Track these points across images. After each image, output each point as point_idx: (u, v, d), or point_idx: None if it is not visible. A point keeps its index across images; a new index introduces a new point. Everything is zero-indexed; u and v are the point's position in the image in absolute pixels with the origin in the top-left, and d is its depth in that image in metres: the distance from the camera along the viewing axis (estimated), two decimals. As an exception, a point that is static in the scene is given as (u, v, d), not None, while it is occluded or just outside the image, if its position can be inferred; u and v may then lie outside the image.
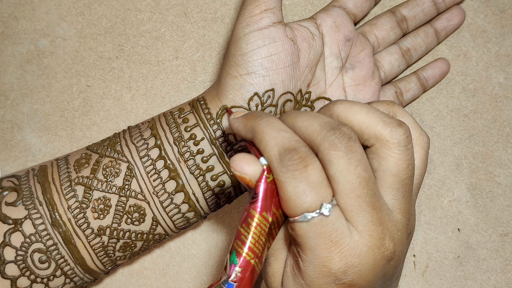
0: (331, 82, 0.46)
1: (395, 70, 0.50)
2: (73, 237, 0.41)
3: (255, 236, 0.30)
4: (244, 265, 0.30)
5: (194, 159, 0.42)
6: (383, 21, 0.49)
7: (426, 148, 0.36)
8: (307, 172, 0.30)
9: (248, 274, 0.30)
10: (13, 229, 0.40)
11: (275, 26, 0.42)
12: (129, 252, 0.44)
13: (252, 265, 0.30)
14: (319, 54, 0.45)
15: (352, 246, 0.31)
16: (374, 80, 0.47)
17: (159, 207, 0.42)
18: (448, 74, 0.52)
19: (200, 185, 0.42)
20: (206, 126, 0.42)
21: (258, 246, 0.31)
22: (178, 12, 0.53)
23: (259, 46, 0.42)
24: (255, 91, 0.42)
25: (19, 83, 0.52)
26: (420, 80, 0.50)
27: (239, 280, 0.30)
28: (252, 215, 0.31)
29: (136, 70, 0.53)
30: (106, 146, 0.43)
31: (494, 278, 0.50)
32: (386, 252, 0.32)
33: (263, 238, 0.31)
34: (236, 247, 0.30)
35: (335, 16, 0.46)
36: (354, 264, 0.31)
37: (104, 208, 0.41)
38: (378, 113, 0.33)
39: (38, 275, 0.41)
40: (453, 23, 0.51)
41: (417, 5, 0.49)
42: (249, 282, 0.30)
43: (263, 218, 0.31)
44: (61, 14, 0.53)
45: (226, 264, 0.31)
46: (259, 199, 0.31)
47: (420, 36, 0.50)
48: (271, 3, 0.42)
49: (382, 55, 0.49)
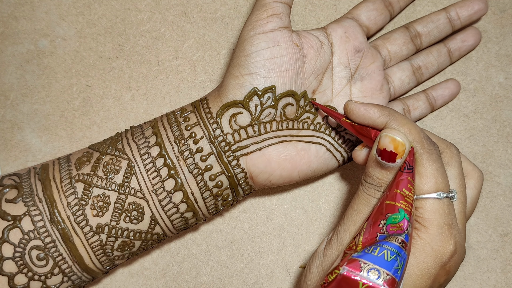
0: (338, 92, 0.46)
1: (405, 87, 0.49)
2: (71, 234, 0.41)
3: (413, 197, 0.35)
4: (412, 221, 0.34)
5: (193, 158, 0.42)
6: (397, 35, 0.49)
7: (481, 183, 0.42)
8: (441, 160, 0.37)
9: (412, 229, 0.35)
10: (12, 226, 0.40)
11: (281, 31, 0.42)
12: (127, 252, 0.44)
13: (413, 219, 0.35)
14: (327, 63, 0.45)
15: (459, 235, 0.36)
16: (383, 94, 0.47)
17: (157, 206, 0.42)
18: (448, 74, 0.52)
19: (198, 185, 0.42)
20: (205, 125, 0.42)
21: (414, 205, 0.35)
22: (178, 12, 0.53)
23: (262, 48, 0.42)
24: (254, 86, 0.42)
25: (19, 83, 0.53)
26: (429, 100, 0.50)
27: (411, 234, 0.34)
28: (410, 181, 0.35)
29: (136, 70, 0.53)
30: (108, 144, 0.43)
31: (494, 278, 0.50)
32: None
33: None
34: (402, 206, 0.34)
35: (346, 27, 0.46)
36: (457, 251, 0.36)
37: (103, 205, 0.41)
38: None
39: (35, 273, 0.41)
40: (468, 44, 0.50)
41: (431, 21, 0.49)
42: (412, 235, 0.35)
43: (414, 186, 0.36)
44: (61, 14, 0.53)
45: (368, 227, 0.35)
46: (414, 170, 0.36)
47: (432, 55, 0.50)
48: (278, 8, 0.43)
49: (393, 70, 0.49)
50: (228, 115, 0.42)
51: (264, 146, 0.43)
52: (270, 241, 0.52)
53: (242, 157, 0.43)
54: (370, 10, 0.48)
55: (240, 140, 0.43)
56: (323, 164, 0.45)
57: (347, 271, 0.30)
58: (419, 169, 0.36)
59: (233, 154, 0.43)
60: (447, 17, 0.49)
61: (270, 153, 0.43)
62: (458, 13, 0.49)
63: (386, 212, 0.35)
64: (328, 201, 0.52)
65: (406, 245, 0.33)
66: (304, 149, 0.44)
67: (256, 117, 0.42)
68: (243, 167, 0.43)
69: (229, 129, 0.42)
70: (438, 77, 0.52)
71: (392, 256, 0.31)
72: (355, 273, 0.30)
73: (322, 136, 0.45)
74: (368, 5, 0.48)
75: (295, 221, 0.52)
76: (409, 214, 0.34)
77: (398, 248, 0.32)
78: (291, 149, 0.44)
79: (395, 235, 0.33)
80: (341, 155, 0.46)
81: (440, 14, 0.49)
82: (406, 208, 0.34)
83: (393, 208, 0.34)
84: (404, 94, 0.51)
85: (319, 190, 0.52)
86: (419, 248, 0.35)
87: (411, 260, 0.35)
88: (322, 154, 0.45)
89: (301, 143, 0.44)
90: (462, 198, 0.38)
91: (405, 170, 0.36)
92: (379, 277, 0.30)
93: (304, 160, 0.44)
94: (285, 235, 0.52)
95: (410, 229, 0.34)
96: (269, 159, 0.43)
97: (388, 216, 0.34)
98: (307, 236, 0.51)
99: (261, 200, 0.52)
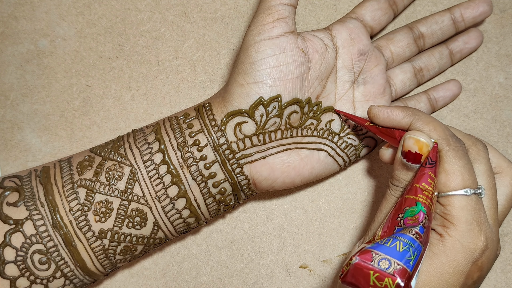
0: (341, 96, 0.46)
1: (406, 89, 0.49)
2: (73, 239, 0.41)
3: (433, 192, 0.35)
4: (429, 213, 0.35)
5: (197, 165, 0.42)
6: (400, 37, 0.48)
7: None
8: (468, 156, 0.37)
9: (430, 222, 0.35)
10: (14, 230, 0.40)
11: (287, 36, 0.42)
12: (130, 256, 0.44)
13: (431, 213, 0.35)
14: (331, 67, 0.45)
15: (489, 231, 0.36)
16: (385, 97, 0.47)
17: (160, 212, 0.42)
18: (448, 74, 0.52)
19: (202, 192, 0.42)
20: (210, 133, 0.42)
21: (433, 200, 0.36)
22: (178, 12, 0.53)
23: (268, 55, 0.41)
24: (260, 96, 0.41)
25: (19, 83, 0.52)
26: (430, 101, 0.50)
27: (427, 227, 0.34)
28: (431, 176, 0.36)
29: (136, 70, 0.53)
30: (110, 149, 0.43)
31: (494, 278, 0.50)
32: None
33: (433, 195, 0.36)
34: (420, 200, 0.35)
35: (351, 28, 0.46)
36: (489, 247, 0.36)
37: (106, 211, 0.41)
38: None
39: (37, 276, 0.41)
40: (470, 46, 0.50)
41: (435, 22, 0.48)
42: (429, 228, 0.35)
43: (435, 181, 0.36)
44: (61, 14, 0.53)
45: (396, 219, 0.35)
46: (437, 165, 0.36)
47: (434, 57, 0.49)
48: (284, 12, 0.42)
49: (395, 72, 0.49)
50: (233, 123, 0.42)
51: (268, 154, 0.43)
52: (270, 241, 0.52)
53: (246, 165, 0.43)
54: (375, 9, 0.47)
55: (245, 148, 0.42)
56: (325, 169, 0.45)
57: (359, 260, 0.32)
58: (445, 166, 0.36)
59: (237, 162, 0.42)
60: (451, 18, 0.48)
61: (274, 161, 0.43)
62: (462, 15, 0.48)
63: (404, 206, 0.35)
64: (328, 201, 0.52)
65: (420, 236, 0.33)
66: (307, 156, 0.44)
67: (261, 127, 0.42)
68: (247, 174, 0.43)
69: (234, 138, 0.42)
70: (438, 77, 0.52)
71: (405, 247, 0.32)
72: (366, 262, 0.32)
73: (325, 142, 0.45)
74: (373, 4, 0.47)
75: (295, 221, 0.52)
76: (426, 207, 0.34)
77: (411, 239, 0.33)
78: (295, 156, 0.44)
79: (410, 227, 0.34)
80: (343, 160, 0.46)
81: (444, 15, 0.48)
82: (424, 202, 0.35)
83: (412, 202, 0.35)
84: (405, 95, 0.51)
85: (319, 190, 0.52)
86: (449, 246, 0.35)
87: (442, 258, 0.35)
88: (325, 160, 0.45)
89: (304, 150, 0.44)
90: (491, 194, 0.38)
91: (426, 165, 0.36)
92: (390, 267, 0.31)
93: (308, 167, 0.44)
94: (285, 235, 0.52)
95: (427, 222, 0.34)
96: (272, 167, 0.43)
97: (406, 210, 0.35)
98: (307, 236, 0.52)
99: (261, 200, 0.52)
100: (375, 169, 0.52)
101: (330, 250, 0.51)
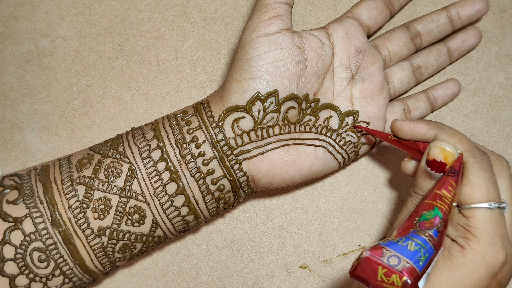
0: (339, 93, 0.46)
1: (405, 87, 0.49)
2: (72, 237, 0.41)
3: (452, 200, 0.35)
4: (445, 219, 0.34)
5: (195, 162, 0.42)
6: (397, 35, 0.49)
7: None
8: (492, 170, 0.37)
9: (445, 228, 0.35)
10: (13, 227, 0.40)
11: (283, 33, 0.42)
12: (129, 254, 0.44)
13: (448, 219, 0.35)
14: (328, 64, 0.45)
15: (510, 246, 0.36)
16: (383, 94, 0.47)
17: (159, 209, 0.42)
18: (448, 74, 0.52)
19: (200, 188, 0.42)
20: (208, 129, 0.42)
21: (451, 208, 0.35)
22: (178, 12, 0.53)
23: (265, 51, 0.41)
24: (258, 91, 0.42)
25: (19, 83, 0.53)
26: (429, 100, 0.50)
27: (441, 232, 0.34)
28: (452, 184, 0.36)
29: (136, 70, 0.53)
30: (109, 146, 0.43)
31: (494, 278, 0.50)
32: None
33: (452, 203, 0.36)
34: (438, 205, 0.35)
35: (347, 27, 0.46)
36: (508, 262, 0.35)
37: (105, 209, 0.41)
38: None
39: (37, 274, 0.41)
40: (468, 44, 0.50)
41: (432, 21, 0.49)
42: (444, 234, 0.34)
43: (456, 190, 0.36)
44: (61, 14, 0.53)
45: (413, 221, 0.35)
46: (460, 175, 0.36)
47: (432, 55, 0.49)
48: (280, 10, 0.42)
49: (393, 70, 0.49)
50: (231, 119, 0.42)
51: (266, 150, 0.43)
52: (270, 241, 0.52)
53: (244, 161, 0.43)
54: (371, 9, 0.47)
55: (243, 144, 0.42)
56: (324, 166, 0.45)
57: (369, 255, 0.32)
58: (470, 178, 0.36)
59: (235, 158, 0.42)
60: (448, 16, 0.48)
61: (273, 157, 0.43)
62: (459, 13, 0.48)
63: (422, 210, 0.35)
64: (328, 201, 0.52)
65: (433, 239, 0.33)
66: (306, 152, 0.44)
67: (259, 122, 0.42)
68: (246, 171, 0.43)
69: (232, 134, 0.42)
70: (438, 77, 0.52)
71: (416, 247, 0.32)
72: (376, 257, 0.32)
73: (324, 138, 0.45)
74: (369, 4, 0.48)
75: (295, 221, 0.52)
76: (443, 212, 0.34)
77: (424, 241, 0.33)
78: (293, 152, 0.44)
79: (425, 229, 0.34)
80: (342, 157, 0.46)
81: (440, 13, 0.49)
82: (441, 207, 0.35)
83: (430, 207, 0.35)
84: (404, 94, 0.51)
85: (319, 190, 0.52)
86: (471, 259, 0.35)
87: (462, 271, 0.35)
88: (324, 157, 0.45)
89: (303, 146, 0.44)
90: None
91: (449, 174, 0.36)
92: (398, 264, 0.31)
93: (306, 163, 0.44)
94: (285, 235, 0.52)
95: (442, 227, 0.34)
96: (271, 163, 0.43)
97: (422, 213, 0.35)
98: (307, 236, 0.52)
99: (261, 200, 0.52)
100: (376, 169, 0.52)
101: (330, 250, 0.51)
